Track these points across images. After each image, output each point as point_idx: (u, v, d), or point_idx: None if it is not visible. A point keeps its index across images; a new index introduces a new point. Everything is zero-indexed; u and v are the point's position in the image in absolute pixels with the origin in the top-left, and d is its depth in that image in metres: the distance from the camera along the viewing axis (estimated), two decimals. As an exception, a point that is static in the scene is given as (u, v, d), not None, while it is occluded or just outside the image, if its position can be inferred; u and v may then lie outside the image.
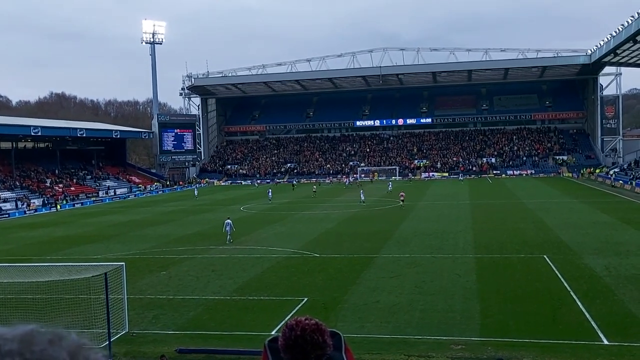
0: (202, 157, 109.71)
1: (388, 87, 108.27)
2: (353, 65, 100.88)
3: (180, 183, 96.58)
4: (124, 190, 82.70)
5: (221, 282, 24.19)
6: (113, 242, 36.27)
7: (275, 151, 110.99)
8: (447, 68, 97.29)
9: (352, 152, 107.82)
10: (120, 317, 18.09)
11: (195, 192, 73.83)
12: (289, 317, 18.50)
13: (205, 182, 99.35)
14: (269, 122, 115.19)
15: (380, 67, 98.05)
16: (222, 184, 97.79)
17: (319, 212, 49.19)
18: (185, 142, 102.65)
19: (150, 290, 23.08)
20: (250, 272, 25.92)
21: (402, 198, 50.50)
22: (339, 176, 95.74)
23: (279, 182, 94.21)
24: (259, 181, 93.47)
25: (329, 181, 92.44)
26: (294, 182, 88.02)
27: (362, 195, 56.10)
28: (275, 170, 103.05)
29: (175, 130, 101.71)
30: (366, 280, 23.35)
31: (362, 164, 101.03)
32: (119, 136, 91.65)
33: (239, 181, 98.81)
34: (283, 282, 23.73)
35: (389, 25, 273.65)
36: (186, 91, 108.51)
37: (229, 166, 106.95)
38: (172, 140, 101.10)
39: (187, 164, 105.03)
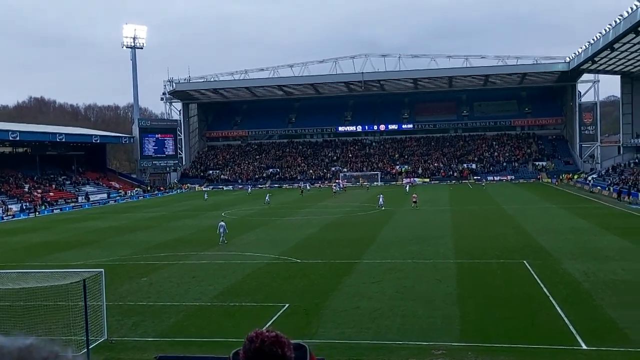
0: (184, 163, 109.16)
1: (370, 93, 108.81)
2: (335, 71, 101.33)
3: (161, 188, 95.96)
4: (104, 195, 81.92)
5: (202, 288, 24.04)
6: (93, 248, 35.88)
7: (257, 157, 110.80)
8: (428, 74, 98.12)
9: (335, 157, 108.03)
10: (99, 324, 17.89)
11: (205, 196, 75.02)
12: (270, 323, 18.45)
13: (186, 187, 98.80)
14: (251, 128, 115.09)
15: (362, 73, 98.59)
16: (204, 189, 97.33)
17: (301, 218, 49.15)
18: (166, 147, 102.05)
19: (130, 297, 22.86)
20: (231, 278, 25.80)
21: (414, 200, 54.61)
22: (327, 182, 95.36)
23: (260, 187, 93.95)
24: (250, 187, 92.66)
25: (317, 186, 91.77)
26: (305, 186, 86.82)
27: (380, 199, 55.57)
28: (257, 176, 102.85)
29: (157, 136, 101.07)
30: (347, 286, 23.36)
31: (345, 170, 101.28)
32: (98, 141, 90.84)
33: (221, 186, 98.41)
34: (264, 288, 23.65)
35: (370, 31, 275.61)
36: (167, 96, 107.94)
37: (211, 172, 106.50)
38: (153, 146, 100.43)
39: (168, 169, 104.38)
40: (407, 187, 79.19)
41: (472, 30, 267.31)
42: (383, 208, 53.15)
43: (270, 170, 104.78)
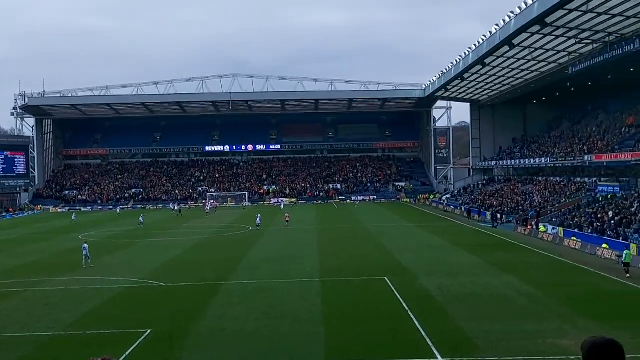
0: (37, 182, 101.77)
1: (238, 113, 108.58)
2: (202, 90, 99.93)
3: (11, 210, 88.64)
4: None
5: (56, 316, 22.44)
6: None
7: (120, 176, 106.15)
8: (295, 97, 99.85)
9: (201, 177, 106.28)
10: None
11: (73, 217, 68.73)
12: (130, 350, 17.62)
13: (39, 208, 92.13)
14: (112, 146, 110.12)
15: (229, 93, 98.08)
16: (59, 210, 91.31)
17: (166, 239, 47.69)
18: (16, 166, 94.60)
19: (-29, 330, 20.77)
20: (89, 304, 24.35)
21: (287, 219, 55.33)
22: (200, 202, 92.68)
23: (125, 208, 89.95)
24: (120, 207, 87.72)
25: (188, 207, 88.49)
26: (177, 207, 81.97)
27: (258, 219, 54.99)
28: (118, 196, 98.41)
29: (5, 153, 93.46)
30: (213, 308, 22.96)
31: (212, 190, 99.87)
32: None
33: (78, 207, 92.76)
34: (125, 314, 22.57)
35: (238, 51, 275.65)
36: (19, 111, 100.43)
37: (67, 192, 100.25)
38: (2, 164, 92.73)
39: (18, 189, 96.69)
40: (282, 206, 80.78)
41: (338, 56, 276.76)
42: (258, 228, 53.07)
43: (134, 190, 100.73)
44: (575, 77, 57.18)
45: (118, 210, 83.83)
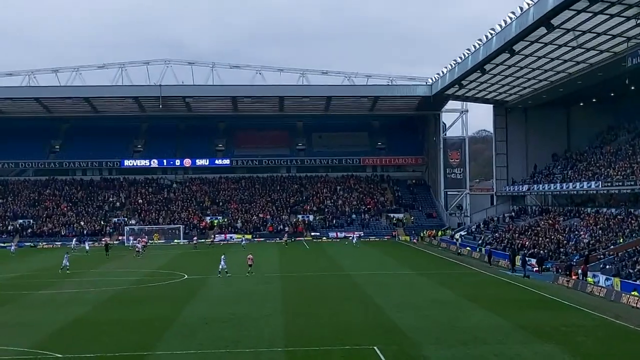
0: None
1: (171, 115, 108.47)
2: (122, 82, 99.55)
3: None
4: None
5: None
6: None
7: (0, 201, 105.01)
8: (252, 92, 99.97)
9: (118, 203, 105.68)
10: None
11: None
12: None
13: None
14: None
15: (160, 85, 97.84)
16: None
17: (66, 291, 47.19)
18: None
19: None
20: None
21: (250, 262, 56.16)
22: (134, 239, 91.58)
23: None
24: (14, 245, 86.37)
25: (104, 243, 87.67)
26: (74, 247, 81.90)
27: (222, 262, 54.94)
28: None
29: None
30: (133, 390, 22.81)
31: (133, 221, 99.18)
32: None
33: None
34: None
35: (173, 29, 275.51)
36: None
37: None
38: None
39: None
40: (243, 243, 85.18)
41: (312, 37, 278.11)
42: (228, 275, 53.24)
43: (20, 221, 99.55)
44: (636, 72, 58.39)
45: (12, 247, 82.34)
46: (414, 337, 30.33)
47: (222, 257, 56.58)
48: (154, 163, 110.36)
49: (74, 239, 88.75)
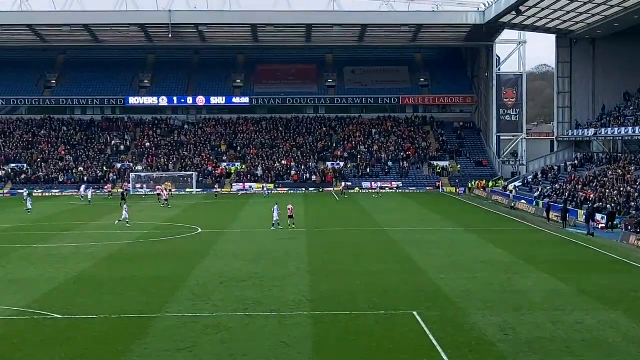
0: None
1: (182, 45, 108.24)
2: (126, 7, 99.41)
3: None
4: None
5: None
6: None
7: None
8: (275, 19, 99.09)
9: (122, 147, 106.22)
10: None
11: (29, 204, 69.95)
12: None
13: None
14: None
15: (169, 11, 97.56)
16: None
17: (65, 245, 47.70)
18: None
19: None
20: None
21: (290, 213, 56.69)
22: (124, 186, 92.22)
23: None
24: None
25: (109, 193, 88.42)
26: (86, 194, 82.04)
27: (275, 213, 55.90)
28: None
29: None
30: (138, 357, 23.05)
31: (139, 167, 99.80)
32: None
33: None
34: (-2, 363, 22.71)
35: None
36: None
37: None
38: None
39: None
40: (267, 193, 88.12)
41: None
42: (280, 227, 54.93)
43: (13, 165, 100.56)
44: None
45: (88, 193, 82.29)
46: (459, 302, 30.28)
47: (275, 207, 57.00)
48: (163, 101, 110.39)
49: (83, 186, 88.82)
